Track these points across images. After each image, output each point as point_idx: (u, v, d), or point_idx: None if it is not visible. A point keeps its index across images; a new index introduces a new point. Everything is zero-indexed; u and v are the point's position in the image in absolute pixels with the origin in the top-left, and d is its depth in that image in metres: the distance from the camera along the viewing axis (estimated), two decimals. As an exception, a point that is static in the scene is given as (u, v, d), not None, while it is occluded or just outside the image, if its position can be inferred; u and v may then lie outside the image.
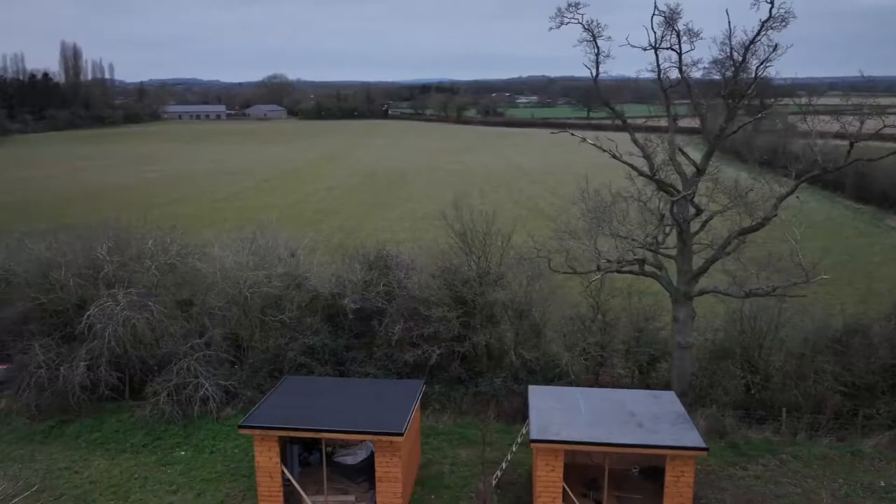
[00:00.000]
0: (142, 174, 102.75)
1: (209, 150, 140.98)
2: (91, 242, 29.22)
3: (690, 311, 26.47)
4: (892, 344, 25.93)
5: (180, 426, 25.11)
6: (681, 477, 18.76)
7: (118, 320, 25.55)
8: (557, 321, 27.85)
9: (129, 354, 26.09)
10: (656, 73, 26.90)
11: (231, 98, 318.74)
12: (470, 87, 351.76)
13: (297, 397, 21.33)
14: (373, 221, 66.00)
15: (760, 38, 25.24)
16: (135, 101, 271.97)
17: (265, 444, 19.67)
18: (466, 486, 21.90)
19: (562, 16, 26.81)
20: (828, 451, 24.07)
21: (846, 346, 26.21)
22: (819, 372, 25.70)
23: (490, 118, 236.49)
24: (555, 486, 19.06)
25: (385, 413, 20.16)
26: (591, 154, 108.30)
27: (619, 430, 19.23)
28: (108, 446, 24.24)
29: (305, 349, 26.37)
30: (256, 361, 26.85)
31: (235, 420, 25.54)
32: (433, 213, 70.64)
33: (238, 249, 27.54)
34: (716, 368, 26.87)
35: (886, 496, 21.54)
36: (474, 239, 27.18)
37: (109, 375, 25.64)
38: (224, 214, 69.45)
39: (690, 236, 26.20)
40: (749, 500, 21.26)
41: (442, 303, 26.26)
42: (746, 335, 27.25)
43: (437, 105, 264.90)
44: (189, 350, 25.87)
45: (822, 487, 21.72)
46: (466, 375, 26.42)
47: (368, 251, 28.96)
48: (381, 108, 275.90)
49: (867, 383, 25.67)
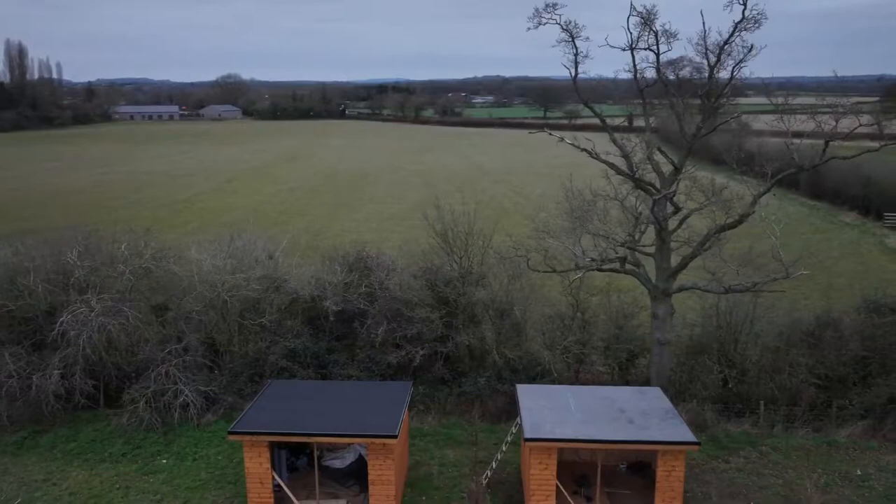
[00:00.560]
0: (96, 176, 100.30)
1: (164, 152, 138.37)
2: (60, 247, 28.40)
3: (669, 308, 26.86)
4: (862, 336, 26.70)
5: (160, 434, 24.56)
6: (672, 471, 19.03)
7: (93, 327, 24.89)
8: (538, 320, 28.03)
9: (104, 361, 25.45)
10: (632, 74, 27.28)
11: (184, 98, 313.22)
12: (426, 86, 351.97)
13: (285, 401, 21.04)
14: (339, 222, 65.55)
15: (734, 39, 25.80)
16: (83, 101, 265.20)
17: (255, 450, 19.37)
18: (456, 487, 21.89)
19: (539, 16, 26.96)
20: (804, 441, 24.69)
21: (818, 339, 26.92)
22: (794, 365, 26.34)
23: (447, 118, 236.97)
24: (548, 483, 19.16)
25: (376, 415, 20.02)
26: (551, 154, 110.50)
27: (611, 426, 19.44)
28: (85, 456, 23.57)
29: (287, 353, 26.05)
30: (236, 366, 26.43)
31: (217, 426, 25.16)
32: (399, 213, 70.77)
33: (215, 252, 27.04)
34: (694, 364, 27.34)
35: (864, 484, 22.17)
36: (455, 239, 27.16)
37: (84, 383, 24.96)
38: (186, 217, 68.29)
39: (669, 234, 26.60)
40: (733, 493, 21.68)
41: (424, 303, 26.21)
42: (723, 330, 27.82)
43: (394, 105, 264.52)
44: (167, 356, 25.32)
45: (803, 478, 22.24)
46: (450, 376, 26.42)
47: (348, 252, 28.72)
48: (338, 109, 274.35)
49: (839, 375, 26.39)
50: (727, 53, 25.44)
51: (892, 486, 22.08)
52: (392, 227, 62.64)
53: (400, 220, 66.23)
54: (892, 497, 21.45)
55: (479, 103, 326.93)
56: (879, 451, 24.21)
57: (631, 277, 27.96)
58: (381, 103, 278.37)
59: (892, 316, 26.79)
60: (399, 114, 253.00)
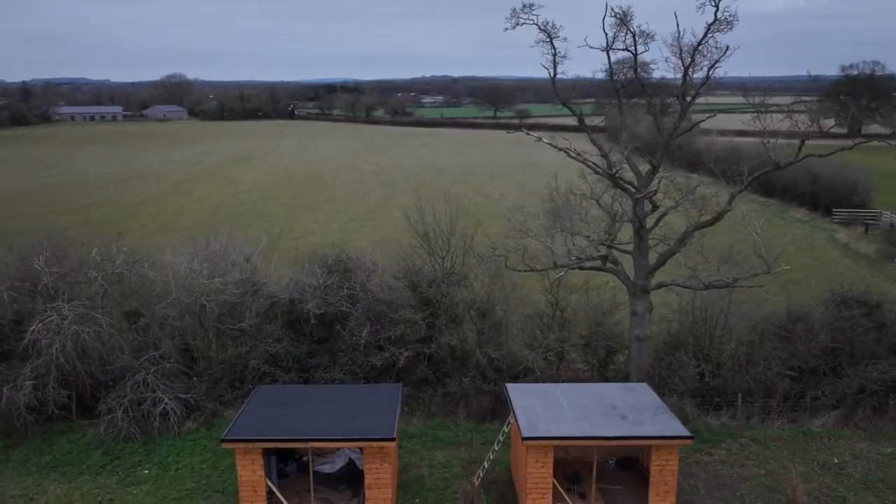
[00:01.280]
0: (41, 179, 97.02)
1: (111, 153, 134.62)
2: (25, 253, 27.42)
3: (648, 305, 27.30)
4: (831, 329, 27.53)
5: (139, 443, 23.90)
6: (665, 466, 19.33)
7: (66, 335, 24.08)
8: (518, 319, 28.17)
9: (77, 371, 24.62)
10: (608, 74, 27.66)
11: (126, 98, 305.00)
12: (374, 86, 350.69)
13: (275, 407, 20.69)
14: (301, 224, 64.74)
15: (707, 40, 26.36)
16: (19, 101, 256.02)
17: (248, 458, 19.00)
18: (449, 488, 21.85)
19: (517, 16, 27.14)
20: (781, 432, 25.37)
21: (790, 332, 27.69)
22: (768, 358, 27.02)
23: (399, 118, 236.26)
24: (545, 482, 19.27)
25: (369, 418, 19.85)
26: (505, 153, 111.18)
27: (605, 423, 19.64)
28: (62, 469, 22.77)
29: (268, 357, 25.62)
30: (215, 372, 25.89)
31: (198, 434, 24.63)
32: (361, 214, 70.33)
33: (192, 256, 26.42)
34: (671, 359, 27.82)
35: (842, 472, 22.89)
36: (437, 239, 27.10)
37: (58, 394, 24.14)
38: (142, 220, 66.58)
39: (647, 232, 27.03)
40: (720, 485, 22.16)
41: (408, 304, 26.08)
42: (698, 325, 28.39)
43: (344, 105, 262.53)
44: (144, 363, 24.65)
45: (785, 468, 22.87)
46: (433, 377, 26.33)
47: (326, 254, 28.38)
48: (287, 109, 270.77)
49: (811, 367, 27.18)
50: (701, 54, 26.01)
51: (867, 472, 22.85)
52: (356, 228, 62.19)
53: (363, 221, 65.82)
54: (868, 483, 22.20)
55: (428, 103, 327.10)
56: (852, 440, 25.03)
57: (608, 275, 28.35)
58: (330, 103, 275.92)
59: (859, 309, 27.70)
60: (349, 114, 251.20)
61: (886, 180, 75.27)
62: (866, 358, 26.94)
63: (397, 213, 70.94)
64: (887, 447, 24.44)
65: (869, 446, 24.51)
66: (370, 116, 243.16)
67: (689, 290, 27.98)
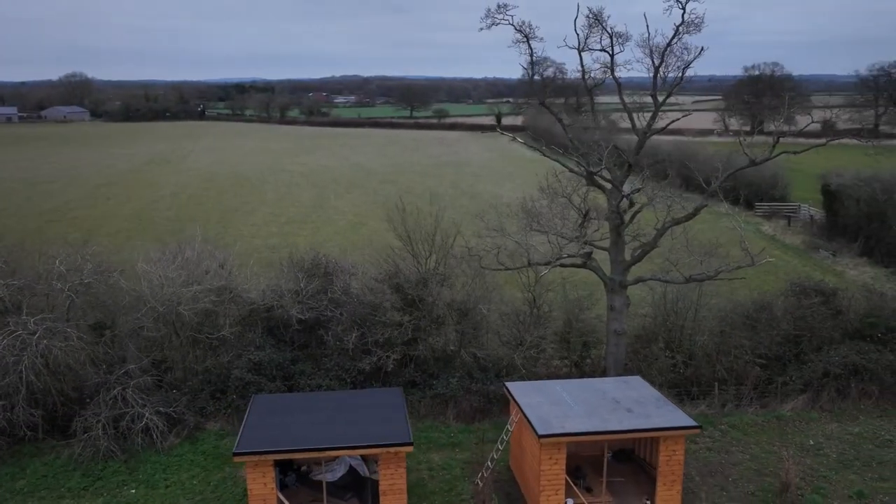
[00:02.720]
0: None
1: (12, 157, 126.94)
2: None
3: (625, 300, 27.94)
4: (793, 317, 28.93)
5: (121, 462, 22.70)
6: (672, 455, 19.85)
7: (34, 351, 22.58)
8: (499, 317, 28.31)
9: (47, 388, 23.13)
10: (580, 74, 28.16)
11: (20, 98, 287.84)
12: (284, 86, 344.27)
13: (278, 417, 20.06)
14: (236, 227, 62.80)
15: (675, 41, 27.23)
16: None
17: (260, 470, 18.35)
18: (453, 490, 21.74)
19: (492, 17, 27.29)
20: (756, 418, 26.49)
21: (756, 321, 28.93)
22: (737, 347, 28.16)
23: (315, 118, 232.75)
24: (558, 478, 19.45)
25: (380, 424, 19.53)
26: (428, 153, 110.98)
27: (615, 417, 19.98)
28: (39, 494, 21.36)
29: (251, 366, 24.78)
30: (195, 384, 24.86)
31: (182, 449, 23.62)
32: (298, 216, 68.90)
33: (166, 264, 25.24)
34: (647, 352, 28.59)
35: (819, 453, 24.10)
36: (418, 240, 26.89)
37: (29, 414, 22.62)
38: (61, 228, 62.92)
39: (623, 228, 27.67)
40: (711, 471, 22.95)
41: (394, 307, 25.77)
42: (670, 318, 29.29)
43: (257, 105, 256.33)
44: (121, 377, 23.41)
45: (767, 452, 23.90)
46: (421, 379, 26.12)
47: (302, 258, 27.67)
48: (197, 109, 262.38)
49: (776, 354, 28.48)
50: (674, 55, 26.85)
51: (842, 452, 24.15)
52: (295, 231, 60.92)
53: (301, 224, 64.56)
54: (845, 462, 23.45)
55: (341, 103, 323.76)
56: (821, 422, 26.39)
57: (583, 271, 28.86)
58: (242, 104, 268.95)
59: (817, 297, 29.20)
60: (263, 114, 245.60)
61: (798, 176, 79.51)
62: (826, 343, 28.47)
63: (334, 215, 70.28)
64: (854, 427, 25.87)
65: (838, 427, 25.90)
66: (285, 117, 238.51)
67: (660, 285, 28.88)
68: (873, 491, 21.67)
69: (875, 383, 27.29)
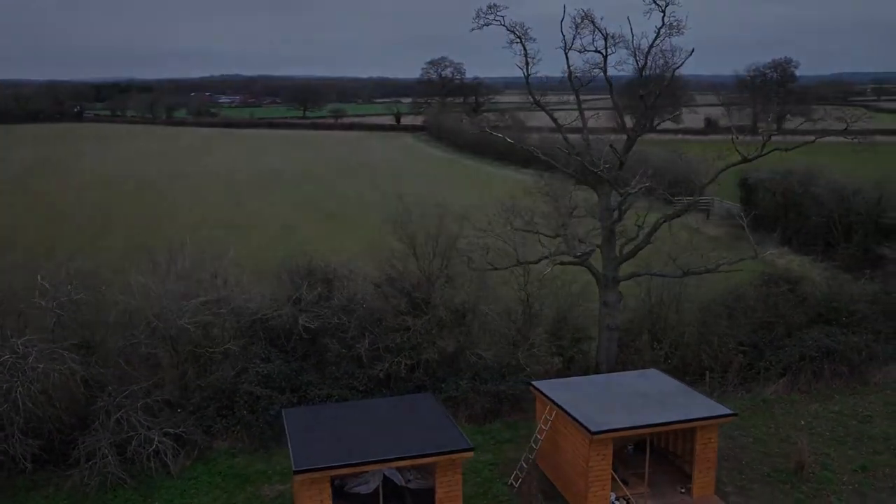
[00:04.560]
0: None
1: None
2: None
3: (618, 295, 28.69)
4: (765, 304, 30.63)
5: (131, 490, 21.19)
6: (708, 444, 20.60)
7: (30, 376, 20.69)
8: (495, 317, 28.40)
9: (45, 416, 21.26)
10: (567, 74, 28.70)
11: None
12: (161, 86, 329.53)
13: (319, 431, 19.31)
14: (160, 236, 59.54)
15: (658, 43, 28.23)
16: None
17: (316, 488, 17.61)
18: (489, 492, 21.67)
19: (484, 17, 27.36)
20: (744, 403, 27.82)
21: (733, 310, 30.43)
22: (720, 336, 29.50)
23: (205, 119, 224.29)
24: (605, 473, 19.77)
25: (429, 431, 19.22)
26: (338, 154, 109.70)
27: (653, 410, 20.51)
28: (47, 532, 19.64)
29: (260, 379, 23.69)
30: (199, 401, 23.52)
31: (195, 471, 22.38)
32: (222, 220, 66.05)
33: (163, 276, 23.71)
34: (635, 345, 29.47)
35: (813, 432, 25.62)
36: (419, 242, 26.53)
37: (27, 445, 20.68)
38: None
39: (616, 225, 28.42)
40: (723, 456, 23.77)
41: (403, 312, 25.33)
42: (654, 311, 30.34)
43: (139, 106, 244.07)
44: (123, 399, 21.82)
45: (768, 435, 25.19)
46: (430, 382, 25.80)
47: (298, 266, 26.66)
48: (73, 110, 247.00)
49: (752, 341, 30.03)
50: (663, 55, 27.82)
51: (833, 429, 25.78)
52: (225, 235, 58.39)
53: (228, 228, 62.01)
54: (839, 439, 25.08)
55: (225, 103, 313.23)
56: (802, 403, 28.05)
57: (572, 268, 29.42)
58: (122, 104, 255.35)
59: (786, 285, 31.04)
60: (147, 115, 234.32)
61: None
62: (794, 329, 30.30)
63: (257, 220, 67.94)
64: (833, 406, 27.67)
65: (819, 406, 27.61)
66: (172, 118, 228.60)
67: (646, 280, 29.91)
68: (874, 464, 23.27)
69: (845, 364, 29.25)
